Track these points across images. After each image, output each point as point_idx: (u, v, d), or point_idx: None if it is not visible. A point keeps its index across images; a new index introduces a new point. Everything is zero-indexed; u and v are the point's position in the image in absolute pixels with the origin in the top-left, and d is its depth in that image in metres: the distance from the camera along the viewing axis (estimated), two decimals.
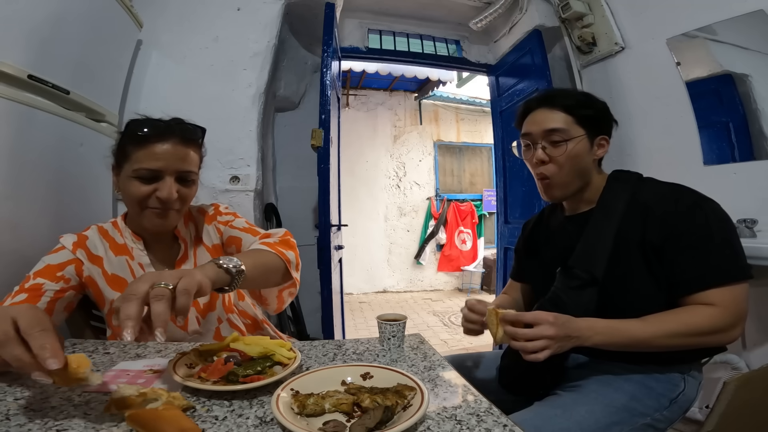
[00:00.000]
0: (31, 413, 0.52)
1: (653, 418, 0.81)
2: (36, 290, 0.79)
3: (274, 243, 0.90)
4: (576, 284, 0.86)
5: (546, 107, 0.94)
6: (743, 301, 0.78)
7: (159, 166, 0.84)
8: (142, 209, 0.86)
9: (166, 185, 0.84)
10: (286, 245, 0.92)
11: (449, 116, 6.35)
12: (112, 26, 1.46)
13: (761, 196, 1.49)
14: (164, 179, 0.85)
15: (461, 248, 5.88)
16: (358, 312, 4.76)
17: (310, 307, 2.29)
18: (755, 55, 1.52)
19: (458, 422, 0.52)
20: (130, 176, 0.84)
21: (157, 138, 0.84)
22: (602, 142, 0.94)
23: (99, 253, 0.89)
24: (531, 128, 0.95)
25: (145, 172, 0.83)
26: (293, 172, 2.52)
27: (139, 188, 0.84)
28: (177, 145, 0.86)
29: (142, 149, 0.83)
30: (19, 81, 1.05)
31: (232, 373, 0.61)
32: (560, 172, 0.92)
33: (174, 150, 0.85)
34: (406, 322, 0.80)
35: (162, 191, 0.84)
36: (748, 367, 1.48)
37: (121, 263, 0.90)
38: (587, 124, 0.91)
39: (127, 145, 0.85)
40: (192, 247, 0.98)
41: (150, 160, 0.83)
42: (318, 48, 2.23)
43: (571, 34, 2.28)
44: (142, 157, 0.83)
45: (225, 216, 1.03)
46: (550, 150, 0.92)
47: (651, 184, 0.91)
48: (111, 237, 0.92)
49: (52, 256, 0.86)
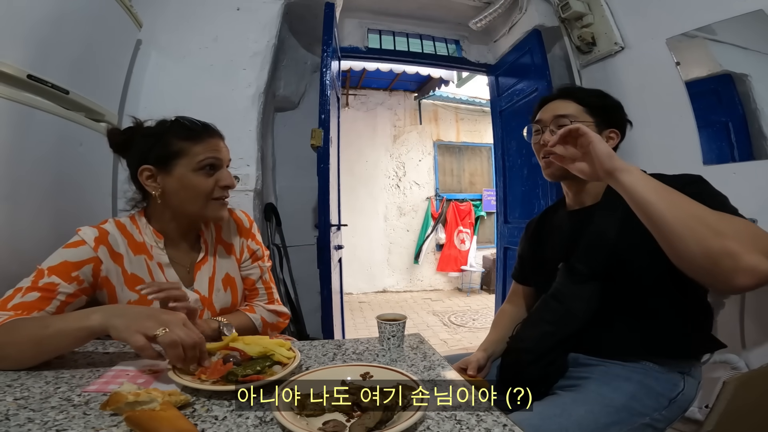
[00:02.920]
0: (30, 413, 0.52)
1: (652, 417, 0.80)
2: (50, 291, 0.76)
3: (267, 322, 1.01)
4: (578, 279, 0.86)
5: (560, 98, 0.98)
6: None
7: (221, 156, 0.91)
8: (207, 201, 0.89)
9: (225, 173, 0.91)
10: (276, 328, 1.05)
11: (449, 116, 6.35)
12: (112, 26, 1.46)
13: (761, 196, 1.49)
14: (223, 168, 0.91)
15: (460, 248, 5.87)
16: (358, 312, 4.76)
17: (310, 306, 2.29)
18: (755, 54, 1.52)
19: (458, 422, 0.52)
20: (193, 170, 0.87)
21: (207, 133, 0.90)
22: (612, 134, 0.97)
23: (120, 250, 0.86)
24: (543, 115, 0.99)
25: (212, 161, 0.88)
26: (293, 171, 2.52)
27: (205, 181, 0.88)
28: (219, 138, 0.93)
29: (200, 142, 0.88)
30: (19, 81, 1.05)
31: (231, 373, 0.61)
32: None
33: (220, 143, 0.92)
34: (406, 321, 0.80)
35: (226, 179, 0.90)
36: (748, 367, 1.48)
37: (140, 262, 0.88)
38: (598, 114, 0.95)
39: (177, 143, 0.87)
40: (212, 250, 0.99)
41: (213, 151, 0.89)
42: (318, 48, 2.23)
43: (570, 34, 2.28)
44: (204, 149, 0.88)
45: (256, 245, 1.06)
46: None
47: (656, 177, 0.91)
48: (129, 233, 0.89)
49: (70, 251, 0.80)
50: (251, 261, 1.03)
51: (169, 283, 0.84)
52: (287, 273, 2.29)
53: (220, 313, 0.95)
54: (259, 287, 1.04)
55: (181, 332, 0.63)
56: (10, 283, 0.80)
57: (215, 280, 0.96)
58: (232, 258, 1.00)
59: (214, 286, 0.95)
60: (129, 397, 0.50)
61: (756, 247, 0.64)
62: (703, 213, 0.67)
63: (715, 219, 0.66)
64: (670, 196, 0.69)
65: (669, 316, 0.84)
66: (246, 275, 1.03)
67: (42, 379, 0.63)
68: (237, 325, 0.89)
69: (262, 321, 0.98)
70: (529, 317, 0.97)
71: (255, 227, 1.07)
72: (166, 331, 0.62)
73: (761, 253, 0.64)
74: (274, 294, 1.07)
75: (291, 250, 2.35)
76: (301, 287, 2.32)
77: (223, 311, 0.96)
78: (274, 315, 1.03)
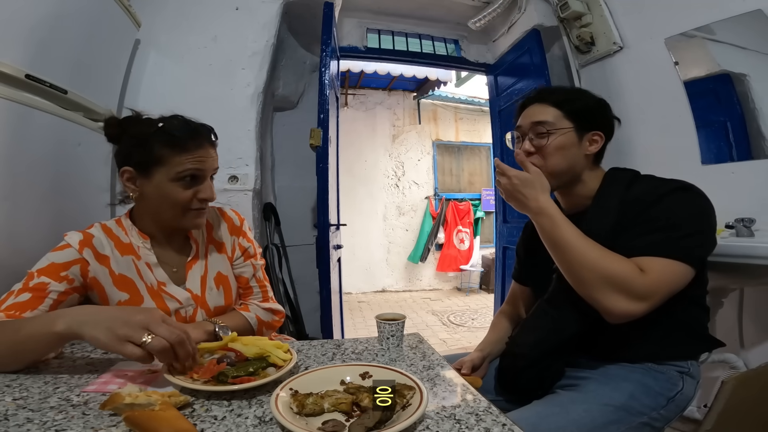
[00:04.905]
0: (29, 413, 0.52)
1: (650, 417, 0.81)
2: (41, 290, 0.77)
3: (263, 321, 1.00)
4: None
5: (538, 102, 0.96)
6: (668, 279, 0.77)
7: (203, 167, 0.87)
8: (184, 212, 0.87)
9: (207, 186, 0.88)
10: (271, 327, 1.03)
11: (448, 116, 6.35)
12: (110, 26, 1.46)
13: (759, 196, 1.49)
14: (205, 180, 0.88)
15: (459, 248, 5.88)
16: (357, 311, 4.76)
17: (309, 306, 2.29)
18: (753, 54, 1.53)
19: (457, 421, 0.52)
20: (170, 180, 0.84)
21: (193, 141, 0.85)
22: (595, 137, 0.94)
23: (105, 252, 0.87)
24: (521, 121, 0.97)
25: (190, 173, 0.85)
26: (292, 171, 2.52)
27: (182, 192, 0.85)
28: (208, 145, 0.88)
29: (183, 152, 0.84)
30: (17, 80, 1.04)
31: (222, 374, 0.61)
32: (545, 164, 0.92)
33: (208, 151, 0.88)
34: (405, 321, 0.80)
35: (205, 192, 0.87)
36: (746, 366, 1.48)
37: (128, 263, 0.89)
38: (575, 118, 0.92)
39: (159, 149, 0.83)
40: (203, 249, 0.98)
41: (193, 162, 0.85)
42: (317, 47, 2.23)
43: (569, 33, 2.29)
44: (184, 160, 0.84)
45: (248, 242, 1.04)
46: (536, 141, 0.93)
47: (645, 180, 0.91)
48: (116, 235, 0.90)
49: (56, 254, 0.82)
50: (243, 259, 1.03)
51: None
52: (286, 273, 2.29)
53: (215, 312, 0.95)
54: (253, 285, 1.04)
55: (164, 331, 0.61)
56: (9, 282, 0.80)
57: (207, 278, 0.96)
58: (224, 256, 1.00)
59: (206, 284, 0.95)
60: (128, 399, 0.50)
61: (645, 294, 0.76)
62: (599, 258, 0.79)
63: (613, 265, 0.78)
64: (573, 236, 0.83)
65: (666, 317, 0.84)
66: (239, 273, 1.02)
67: (41, 379, 0.63)
68: (233, 326, 0.88)
69: (257, 319, 0.98)
70: (525, 322, 0.97)
71: (246, 225, 1.06)
72: (153, 337, 0.60)
73: (649, 298, 0.76)
74: (269, 292, 1.06)
75: (290, 250, 2.35)
76: (300, 287, 2.32)
77: (217, 310, 0.96)
78: (269, 313, 1.02)
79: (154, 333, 0.61)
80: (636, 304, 0.76)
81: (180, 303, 0.90)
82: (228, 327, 0.86)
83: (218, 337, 0.82)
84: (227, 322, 0.90)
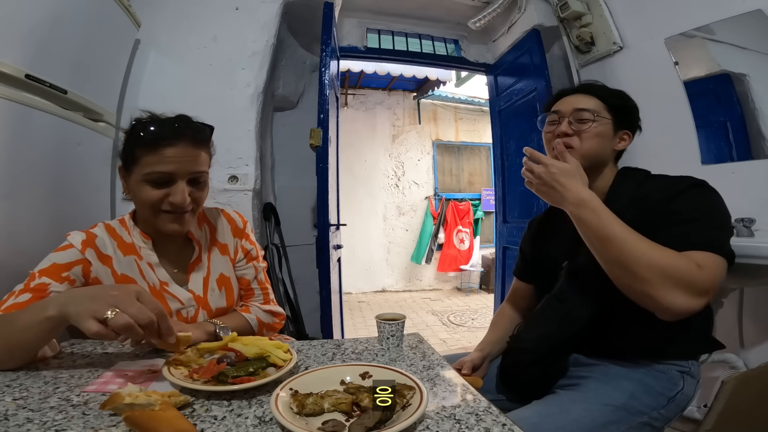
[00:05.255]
0: (29, 413, 0.52)
1: (651, 416, 0.81)
2: (41, 291, 0.77)
3: (263, 323, 1.01)
4: (582, 280, 0.86)
5: (581, 93, 0.99)
6: (720, 275, 0.76)
7: (171, 170, 0.81)
8: (156, 214, 0.84)
9: (178, 189, 0.82)
10: (272, 329, 1.04)
11: (448, 116, 6.35)
12: (110, 26, 1.46)
13: (759, 196, 1.49)
14: (177, 183, 0.82)
15: (459, 248, 5.88)
16: (357, 311, 4.76)
17: (309, 306, 2.29)
18: (753, 54, 1.53)
19: (457, 421, 0.52)
20: (140, 180, 0.82)
21: (167, 140, 0.80)
22: (624, 136, 0.98)
23: (108, 252, 0.87)
24: (561, 107, 0.99)
25: (157, 176, 0.81)
26: (292, 171, 2.52)
27: (150, 193, 0.81)
28: (188, 146, 0.83)
29: (153, 153, 0.80)
30: (17, 81, 1.04)
31: (222, 374, 0.61)
32: (581, 146, 0.93)
33: (185, 152, 0.82)
34: (405, 321, 0.80)
35: (175, 196, 0.82)
36: (746, 366, 1.48)
37: (130, 263, 0.89)
38: (615, 113, 0.95)
39: (135, 148, 0.81)
40: (206, 250, 0.98)
41: (161, 164, 0.80)
42: (316, 47, 2.23)
43: (569, 33, 2.29)
44: (153, 161, 0.80)
45: (250, 244, 1.04)
46: (575, 126, 0.94)
47: (657, 179, 0.92)
48: (119, 235, 0.90)
49: (59, 255, 0.82)
50: (246, 261, 1.03)
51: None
52: (286, 273, 2.29)
53: (216, 313, 0.95)
54: (254, 287, 1.04)
55: (133, 309, 0.59)
56: (10, 282, 0.80)
57: (210, 280, 0.96)
58: (227, 258, 1.00)
59: (208, 286, 0.95)
60: (128, 399, 0.50)
61: (706, 289, 0.73)
62: (660, 255, 0.74)
63: (673, 262, 0.74)
64: (624, 233, 0.77)
65: None
66: (241, 275, 1.02)
67: (41, 379, 0.63)
68: (233, 327, 0.89)
69: (257, 321, 0.99)
70: (532, 317, 0.96)
71: (249, 227, 1.06)
72: (117, 313, 0.58)
73: (708, 293, 0.74)
74: (270, 294, 1.07)
75: (290, 250, 2.35)
76: (300, 287, 2.32)
77: (219, 311, 0.96)
78: (270, 315, 1.02)
79: (123, 310, 0.59)
80: (697, 300, 0.73)
81: (182, 303, 0.90)
82: (228, 328, 0.86)
83: (218, 337, 0.82)
84: (228, 323, 0.90)
